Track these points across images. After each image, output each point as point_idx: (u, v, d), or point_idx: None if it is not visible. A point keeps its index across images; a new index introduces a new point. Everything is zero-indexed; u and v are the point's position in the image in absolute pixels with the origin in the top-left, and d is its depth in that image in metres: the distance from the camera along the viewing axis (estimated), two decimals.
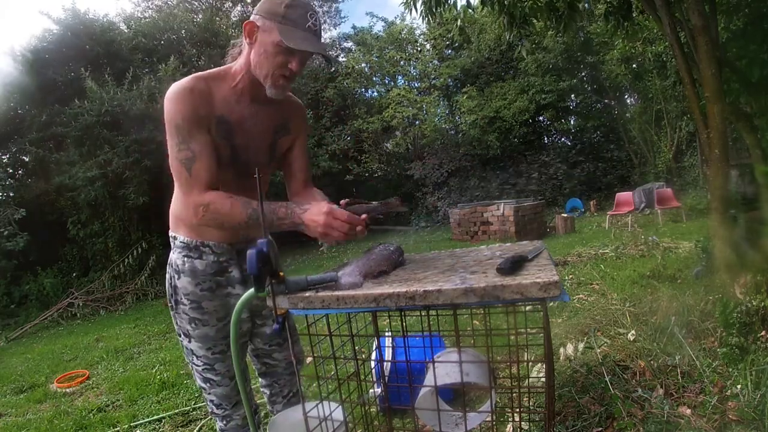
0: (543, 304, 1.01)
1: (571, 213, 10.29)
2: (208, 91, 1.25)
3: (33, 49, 9.04)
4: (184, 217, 1.34)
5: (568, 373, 2.19)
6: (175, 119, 1.20)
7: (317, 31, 1.22)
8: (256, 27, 1.21)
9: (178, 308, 1.37)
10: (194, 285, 1.35)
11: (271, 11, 1.19)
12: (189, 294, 1.35)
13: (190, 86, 1.22)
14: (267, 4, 1.21)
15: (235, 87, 1.28)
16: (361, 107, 14.70)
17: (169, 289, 1.39)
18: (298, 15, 1.18)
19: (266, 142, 1.38)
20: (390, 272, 1.18)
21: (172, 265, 1.38)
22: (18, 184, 9.61)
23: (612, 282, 3.92)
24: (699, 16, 2.63)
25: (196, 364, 1.40)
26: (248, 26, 1.22)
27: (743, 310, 2.03)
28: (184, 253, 1.36)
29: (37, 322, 6.93)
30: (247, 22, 1.22)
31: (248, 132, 1.32)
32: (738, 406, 1.66)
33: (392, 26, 14.98)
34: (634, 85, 12.03)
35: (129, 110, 8.55)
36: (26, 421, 2.95)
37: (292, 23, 1.18)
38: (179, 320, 1.39)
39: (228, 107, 1.27)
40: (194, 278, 1.35)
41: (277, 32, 1.17)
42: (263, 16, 1.20)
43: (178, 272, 1.36)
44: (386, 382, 1.72)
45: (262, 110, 1.33)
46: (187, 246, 1.36)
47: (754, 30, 3.11)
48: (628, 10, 3.74)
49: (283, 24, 1.17)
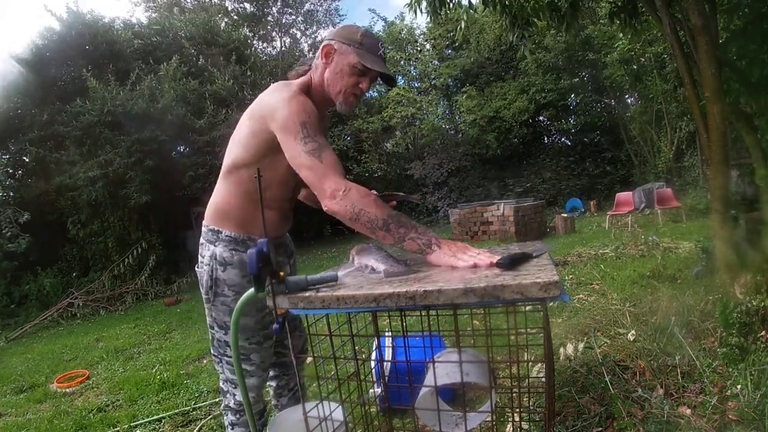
0: (543, 304, 1.01)
1: (571, 213, 10.30)
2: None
3: (35, 48, 9.03)
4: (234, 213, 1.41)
5: (568, 373, 2.19)
6: (301, 117, 1.27)
7: (385, 58, 1.41)
8: (333, 49, 1.37)
9: (217, 300, 1.42)
10: (241, 276, 1.40)
11: (349, 38, 1.37)
12: (235, 285, 1.41)
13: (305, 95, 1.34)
14: (344, 32, 1.39)
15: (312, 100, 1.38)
16: (361, 107, 14.71)
17: (209, 281, 1.42)
18: (372, 44, 1.37)
19: None
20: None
21: (217, 257, 1.41)
22: (18, 184, 9.60)
23: (612, 282, 3.92)
24: (699, 15, 2.63)
25: (230, 355, 1.44)
26: (326, 48, 1.38)
27: (743, 310, 2.03)
28: (231, 246, 1.41)
29: (37, 322, 6.93)
30: (325, 44, 1.38)
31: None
32: (738, 406, 1.66)
33: (392, 26, 14.99)
34: (634, 86, 12.03)
35: (131, 110, 8.55)
36: (26, 421, 2.95)
37: (367, 49, 1.36)
38: (216, 312, 1.44)
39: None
40: (242, 269, 1.40)
41: (355, 55, 1.35)
42: (341, 41, 1.37)
43: (225, 264, 1.41)
44: (386, 382, 1.72)
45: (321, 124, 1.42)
46: (235, 240, 1.41)
47: (754, 30, 3.11)
48: (635, 9, 3.72)
49: (360, 49, 1.35)
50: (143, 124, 8.69)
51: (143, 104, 8.70)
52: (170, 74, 9.59)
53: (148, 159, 8.69)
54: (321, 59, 1.39)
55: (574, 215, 9.74)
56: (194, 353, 3.94)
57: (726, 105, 2.72)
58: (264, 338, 1.46)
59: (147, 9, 16.12)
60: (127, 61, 10.00)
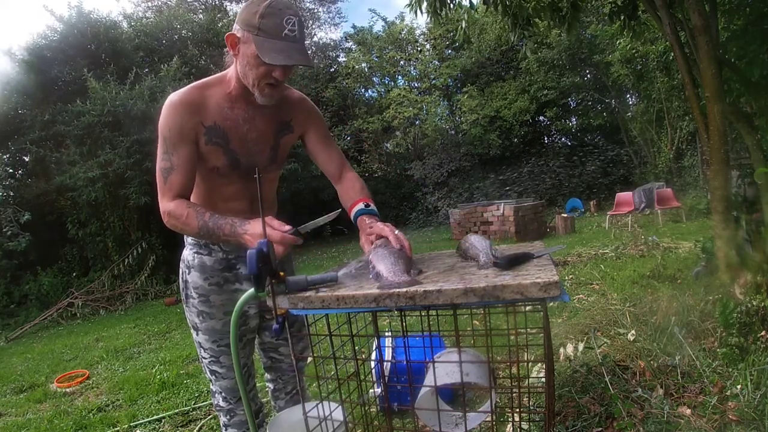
0: (543, 304, 1.01)
1: (571, 213, 10.29)
2: (201, 102, 1.28)
3: (36, 47, 9.02)
4: None
5: (568, 373, 2.19)
6: (163, 131, 1.27)
7: (296, 36, 1.16)
8: (237, 38, 1.20)
9: (188, 302, 1.44)
10: (203, 279, 1.41)
11: (248, 22, 1.16)
12: (198, 288, 1.41)
13: (180, 99, 1.26)
14: (244, 14, 1.18)
15: (229, 94, 1.31)
16: (361, 107, 14.72)
17: (181, 283, 1.46)
18: (274, 24, 1.14)
19: (267, 145, 1.39)
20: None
21: (184, 260, 1.45)
22: (18, 184, 9.60)
23: (612, 282, 3.92)
24: (699, 16, 2.63)
25: (204, 356, 1.47)
26: (230, 38, 1.21)
27: (743, 310, 2.03)
28: (195, 249, 1.42)
29: (37, 322, 6.93)
30: (228, 35, 1.21)
31: (245, 136, 1.34)
32: (738, 406, 1.66)
33: (392, 26, 14.99)
34: (636, 86, 12.01)
35: (131, 110, 8.54)
36: (26, 421, 2.95)
37: (267, 34, 1.14)
38: (189, 314, 1.46)
39: (222, 114, 1.30)
40: (203, 273, 1.41)
41: (254, 45, 1.15)
42: (242, 28, 1.18)
43: (189, 267, 1.43)
44: (386, 382, 1.72)
45: (260, 113, 1.34)
46: (197, 243, 1.41)
47: (755, 30, 3.11)
48: (634, 10, 3.72)
49: (259, 36, 1.14)
50: (143, 124, 8.67)
51: (143, 105, 8.69)
52: (171, 74, 9.59)
53: (148, 160, 8.67)
54: (229, 50, 1.25)
55: (574, 215, 9.74)
56: (194, 353, 3.94)
57: (726, 105, 2.72)
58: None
59: (147, 9, 16.12)
60: (129, 58, 9.99)
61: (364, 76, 15.11)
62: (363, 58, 14.91)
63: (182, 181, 1.27)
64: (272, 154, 1.41)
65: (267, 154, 1.40)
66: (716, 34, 2.87)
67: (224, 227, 1.19)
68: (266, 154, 1.39)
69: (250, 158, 1.35)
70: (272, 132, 1.39)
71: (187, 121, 1.25)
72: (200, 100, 1.28)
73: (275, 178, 1.51)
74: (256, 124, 1.35)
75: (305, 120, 1.46)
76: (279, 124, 1.40)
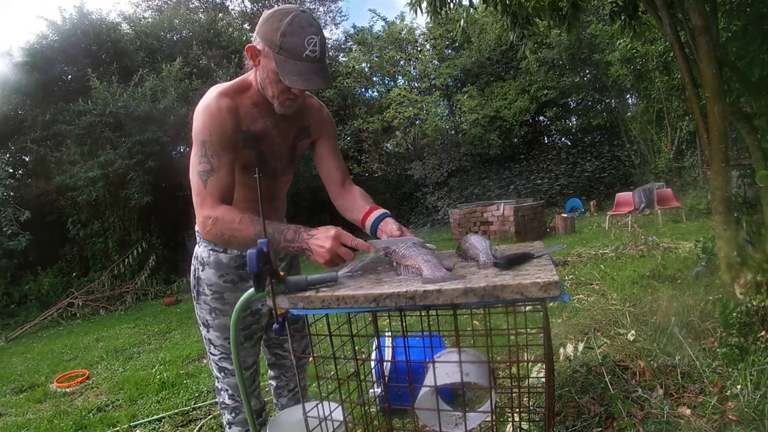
0: (543, 304, 1.01)
1: (571, 213, 10.29)
2: (235, 108, 1.28)
3: (38, 47, 9.02)
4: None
5: (568, 373, 2.19)
6: (203, 136, 1.23)
7: (317, 56, 1.16)
8: (258, 51, 1.21)
9: (200, 299, 1.44)
10: (218, 276, 1.42)
11: (269, 38, 1.16)
12: (212, 285, 1.42)
13: (220, 105, 1.25)
14: (265, 28, 1.17)
15: (254, 99, 1.32)
16: (361, 107, 14.70)
17: (193, 280, 1.46)
18: (295, 45, 1.13)
19: (287, 147, 1.43)
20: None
21: (198, 257, 1.45)
22: (18, 184, 9.60)
23: (612, 282, 3.92)
24: (699, 16, 2.63)
25: (213, 353, 1.47)
26: (250, 50, 1.22)
27: (743, 310, 2.03)
28: (210, 246, 1.42)
29: (37, 322, 6.93)
30: (249, 46, 1.22)
31: (272, 140, 1.38)
32: (738, 406, 1.66)
33: (392, 26, 14.98)
34: (636, 86, 12.01)
35: (133, 111, 8.54)
36: (26, 421, 2.95)
37: (288, 54, 1.14)
38: (200, 310, 1.46)
39: (253, 120, 1.32)
40: (218, 270, 1.41)
41: (274, 62, 1.15)
42: (263, 41, 1.18)
43: (203, 264, 1.43)
44: (386, 382, 1.72)
45: (283, 118, 1.37)
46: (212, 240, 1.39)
47: (755, 30, 3.11)
48: (635, 10, 3.72)
49: (280, 55, 1.14)
50: (145, 125, 8.67)
51: (145, 105, 8.68)
52: (173, 75, 9.58)
53: (150, 160, 8.68)
54: (249, 61, 1.26)
55: (574, 215, 9.73)
56: (194, 353, 3.94)
57: (726, 105, 2.72)
58: (244, 338, 1.47)
59: (148, 9, 16.11)
60: (131, 58, 9.99)
61: (365, 76, 15.10)
62: (363, 58, 14.90)
63: (225, 184, 1.24)
64: (290, 156, 1.46)
65: (287, 156, 1.44)
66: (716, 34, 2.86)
67: (286, 232, 1.17)
68: (286, 156, 1.44)
69: (274, 160, 1.40)
70: (292, 136, 1.44)
71: (229, 127, 1.25)
72: (235, 107, 1.29)
73: (290, 179, 1.55)
74: (280, 127, 1.38)
75: (321, 127, 1.50)
76: (299, 128, 1.45)
